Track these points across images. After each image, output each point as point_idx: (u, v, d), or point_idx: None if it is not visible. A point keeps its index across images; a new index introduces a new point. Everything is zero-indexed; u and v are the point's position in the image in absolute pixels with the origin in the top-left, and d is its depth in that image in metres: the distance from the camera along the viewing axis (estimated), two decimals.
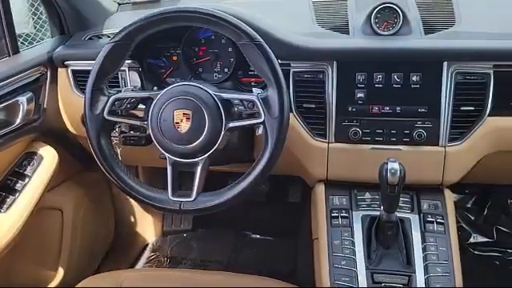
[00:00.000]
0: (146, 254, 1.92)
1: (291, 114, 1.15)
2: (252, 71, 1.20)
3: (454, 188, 1.92)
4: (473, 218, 1.92)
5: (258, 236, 2.00)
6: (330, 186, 1.21)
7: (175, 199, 1.02)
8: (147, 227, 1.99)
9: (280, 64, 1.11)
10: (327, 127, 1.16)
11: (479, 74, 1.10)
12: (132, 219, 1.94)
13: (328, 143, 1.17)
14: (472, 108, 1.11)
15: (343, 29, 1.23)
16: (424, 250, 1.06)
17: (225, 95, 1.01)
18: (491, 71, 1.09)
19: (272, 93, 0.98)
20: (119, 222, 1.89)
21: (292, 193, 2.01)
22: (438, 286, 1.00)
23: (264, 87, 1.02)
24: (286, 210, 1.97)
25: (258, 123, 0.99)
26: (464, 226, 1.91)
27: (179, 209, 1.02)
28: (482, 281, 1.70)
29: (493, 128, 1.11)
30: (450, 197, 1.17)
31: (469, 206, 1.93)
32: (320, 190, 1.21)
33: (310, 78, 1.15)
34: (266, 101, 0.98)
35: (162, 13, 0.99)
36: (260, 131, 1.01)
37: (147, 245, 1.97)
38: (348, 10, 1.29)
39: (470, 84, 1.10)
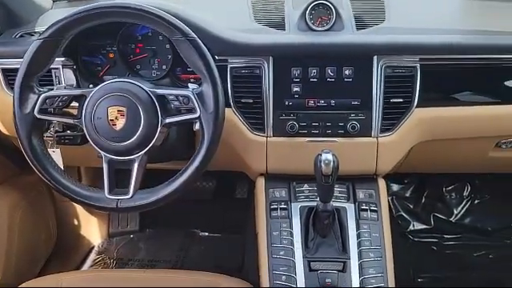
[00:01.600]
0: (92, 256, 1.87)
1: (229, 110, 1.17)
2: (190, 68, 1.20)
3: (393, 179, 2.03)
4: (411, 207, 2.01)
5: (206, 233, 2.01)
6: (270, 179, 1.23)
7: (112, 197, 1.01)
8: (92, 229, 1.95)
9: (217, 60, 1.14)
10: (265, 121, 1.18)
11: (407, 67, 1.15)
12: (75, 222, 1.89)
13: (266, 137, 1.19)
14: (401, 100, 1.16)
15: (279, 25, 1.25)
16: (358, 236, 1.11)
17: (159, 91, 1.01)
18: (418, 64, 1.15)
19: (207, 88, 0.99)
20: (62, 225, 1.83)
21: (239, 189, 2.03)
22: (370, 270, 1.05)
23: (201, 83, 1.02)
24: (234, 206, 1.99)
25: (193, 118, 1.00)
26: (404, 214, 2.01)
27: (116, 207, 1.01)
28: (422, 265, 1.79)
29: (421, 119, 1.17)
30: (383, 186, 1.22)
31: (407, 195, 2.03)
32: (260, 183, 1.23)
33: (246, 73, 1.17)
34: (200, 96, 0.99)
35: (91, 8, 0.97)
36: (197, 126, 1.02)
37: (93, 247, 1.93)
38: (285, 7, 1.32)
39: (399, 77, 1.15)
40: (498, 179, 1.96)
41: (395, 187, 2.04)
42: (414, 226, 1.99)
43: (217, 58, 1.14)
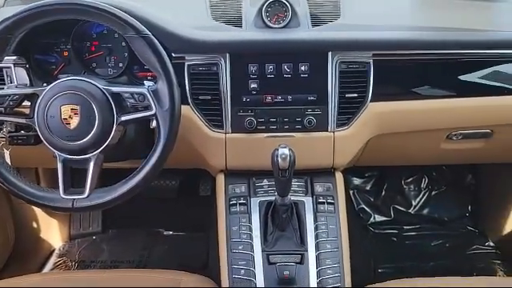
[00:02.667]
0: (52, 259, 1.83)
1: (187, 107, 1.18)
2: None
3: (355, 173, 2.08)
4: (372, 200, 2.06)
5: (170, 232, 2.00)
6: (230, 175, 1.24)
7: (67, 197, 0.99)
8: (52, 232, 1.91)
9: (174, 57, 1.14)
10: (223, 118, 1.19)
11: (360, 62, 1.18)
12: (35, 224, 1.84)
13: (225, 134, 1.19)
14: (356, 95, 1.19)
15: (237, 22, 1.26)
16: (316, 229, 1.13)
17: (114, 89, 1.00)
18: (371, 60, 1.17)
19: (162, 85, 0.99)
20: (20, 228, 1.78)
21: (203, 186, 2.02)
22: (327, 261, 1.08)
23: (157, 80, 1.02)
24: (198, 203, 1.98)
25: (149, 116, 1.00)
26: (365, 207, 2.06)
27: (72, 207, 1.00)
28: (382, 256, 1.84)
29: (375, 113, 1.20)
30: (340, 179, 1.24)
31: (368, 188, 2.07)
32: (220, 180, 1.24)
33: (204, 70, 1.17)
34: (156, 93, 0.99)
35: (40, 5, 0.95)
36: (154, 124, 1.01)
37: (53, 250, 1.88)
38: (242, 5, 1.33)
39: (353, 72, 1.18)
40: (453, 171, 2.04)
41: (356, 181, 2.09)
42: (374, 218, 2.04)
43: (173, 55, 1.14)
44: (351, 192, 2.07)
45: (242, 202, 1.17)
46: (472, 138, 1.34)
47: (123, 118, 1.00)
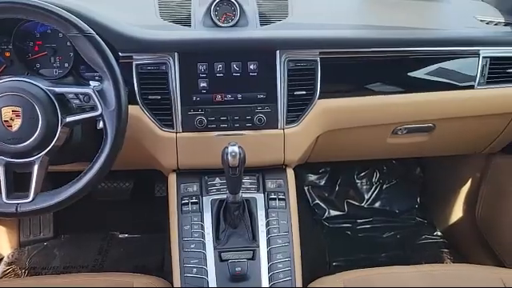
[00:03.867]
0: (1, 268, 1.76)
1: (137, 107, 1.16)
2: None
3: (309, 169, 2.11)
4: (326, 195, 2.11)
5: (126, 235, 1.96)
6: (182, 174, 1.24)
7: (10, 202, 0.96)
8: (0, 239, 1.83)
9: (121, 57, 1.13)
10: (174, 117, 1.18)
11: (308, 60, 1.20)
12: None
13: (176, 133, 1.19)
14: (304, 92, 1.21)
15: (185, 21, 1.26)
16: (267, 225, 1.15)
17: (58, 89, 0.98)
18: (318, 58, 1.20)
19: (107, 85, 0.98)
20: None
21: (158, 187, 2.00)
22: (278, 255, 1.10)
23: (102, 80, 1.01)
24: (153, 205, 1.96)
25: (95, 116, 0.98)
26: (320, 203, 2.10)
27: (16, 211, 0.96)
28: (337, 250, 1.89)
29: (323, 109, 1.23)
30: (291, 175, 1.26)
31: (322, 184, 2.12)
32: (172, 179, 1.23)
33: (153, 69, 1.16)
34: (102, 93, 0.98)
35: None
36: (101, 125, 1.00)
37: (1, 259, 1.81)
38: (191, 4, 1.32)
39: (301, 70, 1.20)
40: (402, 164, 2.12)
41: (311, 177, 2.13)
42: (329, 213, 2.08)
43: (121, 54, 1.13)
44: (306, 188, 2.11)
45: (193, 201, 1.17)
46: (416, 132, 1.40)
47: (68, 120, 0.98)
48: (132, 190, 1.99)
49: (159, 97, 1.17)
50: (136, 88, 1.16)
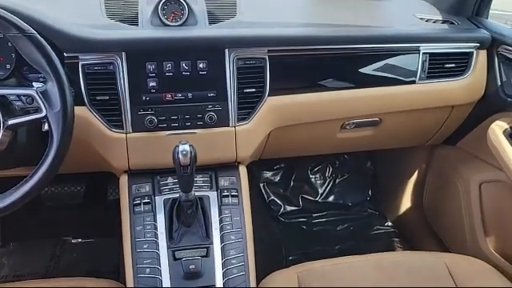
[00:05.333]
0: None
1: (84, 108, 1.14)
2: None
3: (264, 166, 2.14)
4: (282, 191, 2.14)
5: (79, 240, 1.91)
6: (134, 175, 1.22)
7: None
8: None
9: (66, 57, 1.10)
10: (123, 118, 1.17)
11: (257, 58, 1.22)
12: None
13: (126, 133, 1.18)
14: (254, 90, 1.23)
15: (133, 21, 1.25)
16: (220, 221, 1.16)
17: None
18: (266, 56, 1.22)
19: (51, 86, 0.95)
20: None
21: (111, 190, 1.97)
22: (232, 251, 1.11)
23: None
24: (107, 208, 1.93)
25: (39, 118, 0.95)
26: (275, 199, 2.13)
27: None
28: (293, 244, 1.92)
29: (273, 106, 1.25)
30: (244, 172, 1.28)
31: (277, 180, 2.14)
32: (124, 180, 1.22)
33: (100, 70, 1.14)
34: (45, 95, 0.95)
35: None
36: (46, 127, 0.97)
37: None
38: (138, 3, 1.31)
39: (250, 68, 1.21)
40: (353, 159, 2.18)
41: (266, 174, 2.15)
42: (285, 208, 2.12)
43: (66, 54, 1.11)
44: (261, 185, 2.14)
45: (146, 201, 1.17)
46: (363, 127, 1.45)
47: (10, 122, 0.95)
48: (84, 194, 1.94)
49: (107, 97, 1.16)
50: (83, 89, 1.14)
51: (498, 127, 1.33)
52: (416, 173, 1.88)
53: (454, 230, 1.62)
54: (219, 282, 1.08)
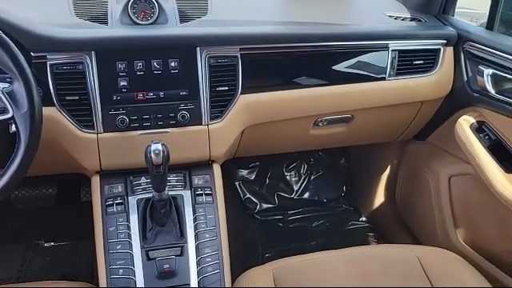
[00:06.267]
0: None
1: (53, 108, 1.13)
2: None
3: (240, 164, 2.14)
4: (257, 189, 2.15)
5: (51, 243, 1.87)
6: (106, 176, 1.21)
7: None
8: None
9: (34, 57, 1.09)
10: (94, 118, 1.15)
11: (229, 56, 1.22)
12: None
13: (97, 134, 1.16)
14: (226, 88, 1.23)
15: (102, 19, 1.23)
16: (195, 220, 1.16)
17: None
18: (238, 54, 1.22)
19: (18, 86, 0.93)
20: None
21: (84, 191, 1.93)
22: (206, 249, 1.11)
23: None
24: (80, 210, 1.89)
25: (6, 119, 0.93)
26: (251, 197, 2.13)
27: None
28: (269, 242, 1.93)
29: (245, 104, 1.26)
30: (218, 170, 1.28)
31: (253, 178, 2.15)
32: (96, 181, 1.20)
33: (69, 69, 1.13)
34: (12, 95, 0.93)
35: None
36: (13, 128, 0.95)
37: None
38: (108, 2, 1.29)
39: (222, 66, 1.21)
40: (328, 155, 2.21)
41: (242, 172, 2.15)
42: (261, 206, 2.12)
43: (33, 54, 1.09)
44: (237, 183, 2.14)
45: (118, 201, 1.15)
46: (336, 123, 1.47)
47: None
48: (56, 196, 1.90)
49: (77, 97, 1.14)
50: (52, 89, 1.12)
51: (465, 122, 1.37)
52: (388, 168, 1.91)
53: (426, 223, 1.66)
54: (194, 280, 1.08)
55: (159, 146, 1.02)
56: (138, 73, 1.16)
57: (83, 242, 1.83)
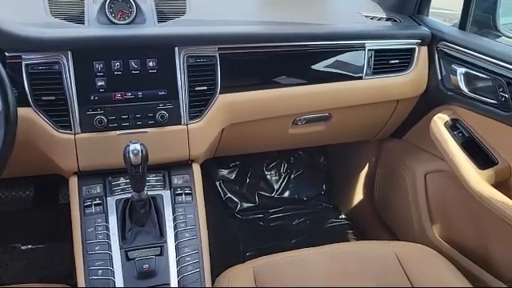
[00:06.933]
0: None
1: (29, 109, 1.11)
2: None
3: (220, 164, 2.14)
4: (238, 188, 2.15)
5: (29, 246, 1.84)
6: (84, 176, 1.20)
7: None
8: None
9: (8, 56, 1.07)
10: (71, 118, 1.14)
11: (207, 56, 1.22)
12: None
13: (74, 134, 1.15)
14: (205, 88, 1.23)
15: (78, 19, 1.22)
16: (174, 220, 1.15)
17: None
18: (217, 54, 1.23)
19: None
20: None
21: (62, 193, 1.91)
22: (186, 249, 1.11)
23: None
24: (58, 212, 1.87)
25: None
26: (232, 196, 2.14)
27: None
28: (250, 240, 1.94)
29: (224, 104, 1.26)
30: (197, 170, 1.28)
31: (233, 178, 2.16)
32: (73, 182, 1.19)
33: (45, 69, 1.11)
34: None
35: None
36: None
37: None
38: (85, 1, 1.28)
39: (201, 66, 1.22)
40: (307, 154, 2.23)
41: (222, 172, 2.16)
42: (241, 205, 2.13)
43: (7, 54, 1.07)
44: (218, 183, 2.14)
45: (97, 202, 1.15)
46: (314, 122, 1.49)
47: None
48: (33, 198, 1.88)
49: (54, 97, 1.13)
50: (27, 89, 1.10)
51: (439, 120, 1.40)
52: (367, 166, 1.94)
53: (403, 220, 1.69)
54: (174, 280, 1.08)
55: (138, 146, 1.02)
56: (116, 73, 1.15)
57: (61, 245, 1.81)
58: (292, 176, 2.22)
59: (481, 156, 1.32)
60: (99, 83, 1.15)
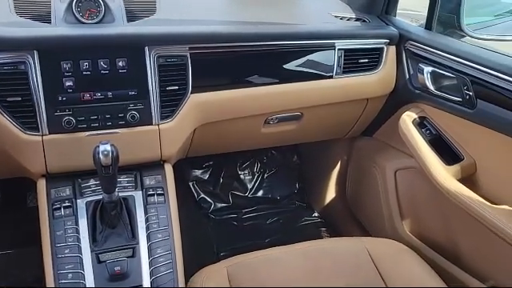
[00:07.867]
0: None
1: None
2: None
3: (193, 164, 2.13)
4: (212, 189, 2.15)
5: None
6: (53, 179, 1.17)
7: None
8: None
9: None
10: (38, 120, 1.12)
11: (178, 56, 1.21)
12: None
13: (42, 136, 1.13)
14: (176, 87, 1.22)
15: (45, 18, 1.19)
16: (146, 220, 1.15)
17: None
18: (188, 53, 1.22)
19: None
20: None
21: (31, 196, 1.86)
22: (159, 250, 1.11)
23: None
24: (26, 216, 1.82)
25: None
26: (205, 197, 2.13)
27: None
28: (224, 240, 1.94)
29: (196, 103, 1.26)
30: (170, 170, 1.27)
31: (206, 178, 2.15)
32: (41, 185, 1.17)
33: (10, 69, 1.09)
34: None
35: None
36: None
37: None
38: (51, 0, 1.25)
39: (172, 66, 1.21)
40: (280, 154, 2.24)
41: (195, 172, 2.15)
42: (215, 206, 2.13)
43: None
44: (191, 184, 2.13)
45: (66, 205, 1.13)
46: (286, 121, 1.50)
47: None
48: (0, 202, 1.82)
49: (19, 98, 1.10)
50: None
51: (408, 117, 1.43)
52: (338, 164, 1.97)
53: (374, 216, 1.72)
54: (146, 281, 1.07)
55: (108, 147, 1.00)
56: (85, 73, 1.14)
57: (31, 249, 1.75)
58: (265, 175, 2.23)
59: (448, 152, 1.36)
60: (67, 83, 1.12)
